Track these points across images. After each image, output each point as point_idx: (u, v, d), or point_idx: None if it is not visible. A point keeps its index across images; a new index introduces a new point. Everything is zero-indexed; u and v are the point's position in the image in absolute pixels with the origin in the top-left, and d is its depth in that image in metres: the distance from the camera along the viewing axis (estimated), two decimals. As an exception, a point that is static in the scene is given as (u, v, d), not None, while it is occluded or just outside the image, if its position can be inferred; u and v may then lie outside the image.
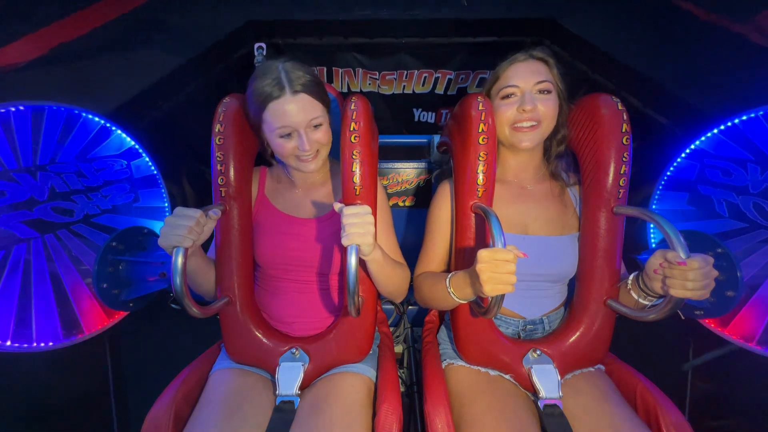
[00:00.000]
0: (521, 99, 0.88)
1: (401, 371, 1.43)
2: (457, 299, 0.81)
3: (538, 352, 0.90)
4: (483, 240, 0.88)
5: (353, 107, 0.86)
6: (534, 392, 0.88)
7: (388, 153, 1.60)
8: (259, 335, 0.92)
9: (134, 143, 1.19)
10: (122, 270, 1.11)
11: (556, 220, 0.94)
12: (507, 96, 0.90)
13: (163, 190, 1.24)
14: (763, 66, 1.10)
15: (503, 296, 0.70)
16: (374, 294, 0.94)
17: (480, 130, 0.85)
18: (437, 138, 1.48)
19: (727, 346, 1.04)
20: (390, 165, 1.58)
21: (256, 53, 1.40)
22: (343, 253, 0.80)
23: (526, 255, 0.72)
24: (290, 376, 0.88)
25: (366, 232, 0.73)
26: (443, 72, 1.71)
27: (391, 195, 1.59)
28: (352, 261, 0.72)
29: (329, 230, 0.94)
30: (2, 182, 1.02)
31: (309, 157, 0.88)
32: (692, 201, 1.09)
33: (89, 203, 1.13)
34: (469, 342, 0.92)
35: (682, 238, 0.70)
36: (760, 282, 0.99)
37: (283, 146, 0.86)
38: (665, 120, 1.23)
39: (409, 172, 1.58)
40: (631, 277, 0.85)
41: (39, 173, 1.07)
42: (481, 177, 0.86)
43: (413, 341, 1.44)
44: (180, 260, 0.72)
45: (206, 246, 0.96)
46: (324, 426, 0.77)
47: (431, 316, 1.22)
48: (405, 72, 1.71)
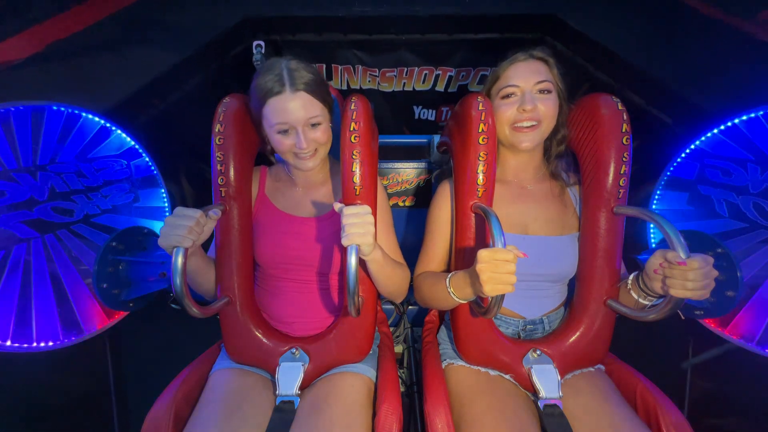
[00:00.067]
0: (521, 99, 0.88)
1: (401, 371, 1.43)
2: (457, 299, 0.81)
3: (538, 352, 0.90)
4: (483, 240, 0.88)
5: (353, 107, 0.86)
6: (534, 392, 0.88)
7: (388, 153, 1.60)
8: (259, 335, 0.92)
9: (134, 143, 1.19)
10: (122, 270, 1.11)
11: (556, 220, 0.94)
12: (507, 96, 0.90)
13: (163, 190, 1.24)
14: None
15: (503, 296, 0.70)
16: (374, 294, 0.94)
17: (480, 130, 0.85)
18: (437, 138, 1.48)
19: (726, 345, 1.04)
20: (390, 165, 1.58)
21: (255, 51, 1.39)
22: (343, 253, 0.80)
23: (526, 255, 0.72)
24: (290, 376, 0.88)
25: (366, 232, 0.73)
26: (444, 69, 1.69)
27: (391, 195, 1.59)
28: (352, 261, 0.72)
29: (329, 230, 0.94)
30: (2, 182, 1.02)
31: (307, 155, 0.89)
32: (692, 201, 1.09)
33: (89, 203, 1.13)
34: (469, 342, 0.92)
35: (682, 238, 0.70)
36: (760, 282, 0.99)
37: (282, 143, 0.87)
38: (668, 118, 1.23)
39: (409, 172, 1.58)
40: (631, 277, 0.85)
41: (39, 173, 1.07)
42: (481, 177, 0.86)
43: (413, 341, 1.44)
44: (180, 260, 0.72)
45: (206, 246, 0.96)
46: (324, 426, 0.77)
47: (431, 316, 1.22)
48: (405, 69, 1.69)
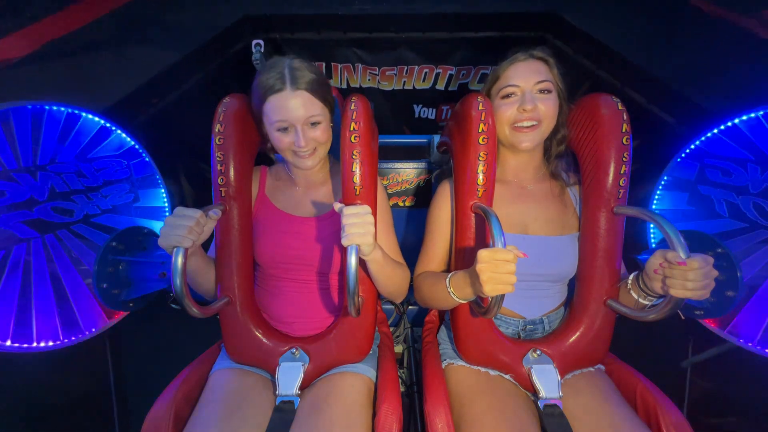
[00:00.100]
0: (521, 98, 0.88)
1: (401, 371, 1.43)
2: (457, 299, 0.81)
3: (538, 352, 0.90)
4: (483, 240, 0.88)
5: (353, 107, 0.86)
6: (534, 392, 0.88)
7: (388, 153, 1.60)
8: (259, 335, 0.92)
9: (134, 143, 1.19)
10: (122, 270, 1.11)
11: (556, 220, 0.94)
12: (507, 95, 0.90)
13: (163, 190, 1.24)
14: (771, 62, 1.06)
15: (503, 296, 0.70)
16: (374, 294, 0.94)
17: (480, 130, 0.85)
18: (437, 138, 1.48)
19: (726, 345, 1.04)
20: (390, 165, 1.58)
21: (254, 50, 1.38)
22: (343, 253, 0.80)
23: (526, 255, 0.72)
24: (290, 376, 0.88)
25: (366, 232, 0.73)
26: (444, 67, 1.67)
27: (391, 195, 1.59)
28: (352, 261, 0.72)
29: (329, 229, 0.94)
30: (2, 182, 1.02)
31: (306, 154, 0.89)
32: (692, 201, 1.09)
33: (89, 203, 1.13)
34: (469, 342, 0.92)
35: (682, 238, 0.70)
36: (760, 282, 0.99)
37: (281, 140, 0.88)
38: (669, 117, 1.22)
39: (409, 172, 1.58)
40: (631, 277, 0.85)
41: (39, 173, 1.07)
42: (481, 177, 0.86)
43: (413, 341, 1.44)
44: (180, 260, 0.72)
45: (206, 246, 0.96)
46: (324, 426, 0.77)
47: (431, 316, 1.22)
48: (405, 67, 1.68)
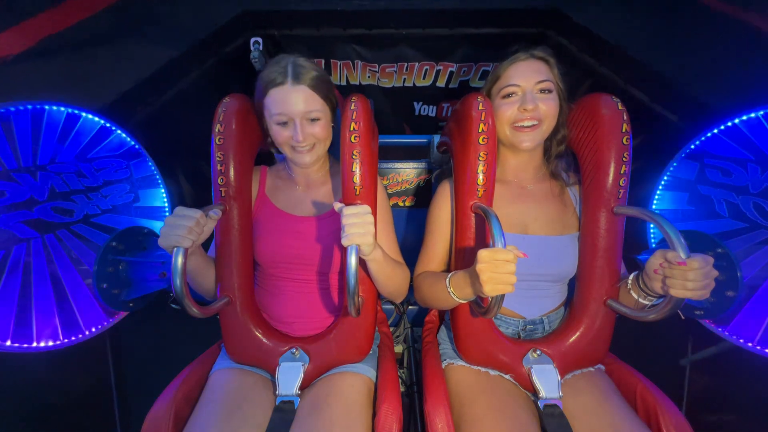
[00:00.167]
0: (522, 98, 0.88)
1: (401, 371, 1.43)
2: (457, 299, 0.81)
3: (538, 352, 0.90)
4: (483, 240, 0.88)
5: (353, 107, 0.86)
6: (534, 392, 0.88)
7: (388, 153, 1.60)
8: (259, 335, 0.92)
9: (134, 143, 1.19)
10: (122, 270, 1.11)
11: (556, 220, 0.94)
12: (508, 95, 0.90)
13: (163, 190, 1.24)
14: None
15: (503, 296, 0.70)
16: (374, 294, 0.94)
17: (480, 130, 0.85)
18: (437, 138, 1.48)
19: (725, 343, 1.04)
20: (390, 165, 1.58)
21: (252, 48, 1.37)
22: (343, 252, 0.80)
23: (526, 255, 0.72)
24: (290, 376, 0.88)
25: (366, 232, 0.73)
26: (445, 64, 1.65)
27: (391, 195, 1.59)
28: (352, 261, 0.72)
29: (329, 229, 0.94)
30: (2, 182, 1.02)
31: (304, 149, 0.90)
32: (692, 201, 1.09)
33: (89, 203, 1.13)
34: (469, 342, 0.92)
35: (682, 238, 0.70)
36: (760, 282, 0.99)
37: (280, 134, 0.89)
38: (672, 115, 1.20)
39: (409, 172, 1.58)
40: (631, 277, 0.85)
41: (39, 173, 1.07)
42: (481, 177, 0.86)
43: (413, 341, 1.44)
44: (180, 260, 0.72)
45: (206, 246, 0.96)
46: (324, 426, 0.77)
47: (431, 316, 1.22)
48: (405, 64, 1.65)
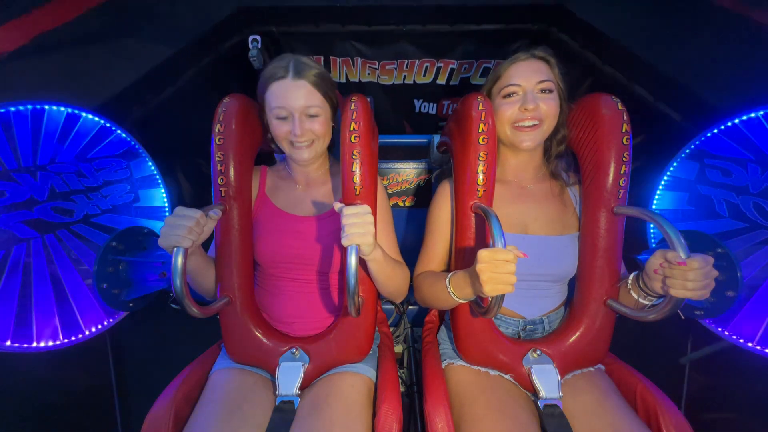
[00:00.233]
0: (523, 98, 0.88)
1: (401, 371, 1.43)
2: (457, 299, 0.81)
3: (538, 352, 0.90)
4: (483, 240, 0.88)
5: (353, 107, 0.86)
6: (534, 392, 0.88)
7: (388, 153, 1.60)
8: (259, 335, 0.92)
9: (134, 143, 1.19)
10: (122, 270, 1.11)
11: (556, 220, 0.94)
12: (508, 95, 0.90)
13: (163, 190, 1.24)
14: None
15: (503, 296, 0.70)
16: (374, 294, 0.94)
17: (480, 130, 0.85)
18: (437, 138, 1.48)
19: (724, 342, 1.04)
20: (390, 165, 1.58)
21: (251, 46, 1.37)
22: (343, 252, 0.80)
23: (526, 255, 0.72)
24: (290, 376, 0.88)
25: (366, 232, 0.73)
26: (445, 61, 1.63)
27: (391, 195, 1.59)
28: (352, 261, 0.72)
29: (329, 228, 0.94)
30: (2, 182, 1.02)
31: (302, 145, 0.91)
32: (692, 201, 1.09)
33: (89, 203, 1.13)
34: (469, 342, 0.92)
35: (682, 238, 0.70)
36: (760, 282, 0.99)
37: (279, 128, 0.90)
38: (675, 114, 1.19)
39: (409, 172, 1.58)
40: (631, 277, 0.85)
41: (39, 173, 1.07)
42: (481, 177, 0.86)
43: (413, 341, 1.44)
44: (180, 260, 0.72)
45: (206, 246, 0.96)
46: (324, 426, 0.77)
47: (431, 316, 1.22)
48: (406, 61, 1.63)
